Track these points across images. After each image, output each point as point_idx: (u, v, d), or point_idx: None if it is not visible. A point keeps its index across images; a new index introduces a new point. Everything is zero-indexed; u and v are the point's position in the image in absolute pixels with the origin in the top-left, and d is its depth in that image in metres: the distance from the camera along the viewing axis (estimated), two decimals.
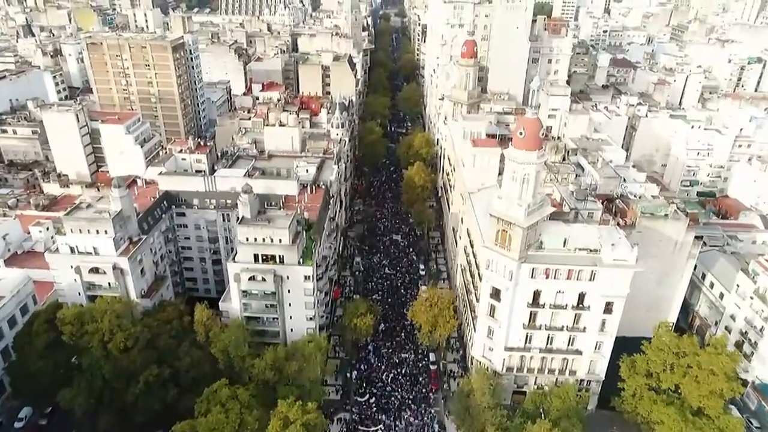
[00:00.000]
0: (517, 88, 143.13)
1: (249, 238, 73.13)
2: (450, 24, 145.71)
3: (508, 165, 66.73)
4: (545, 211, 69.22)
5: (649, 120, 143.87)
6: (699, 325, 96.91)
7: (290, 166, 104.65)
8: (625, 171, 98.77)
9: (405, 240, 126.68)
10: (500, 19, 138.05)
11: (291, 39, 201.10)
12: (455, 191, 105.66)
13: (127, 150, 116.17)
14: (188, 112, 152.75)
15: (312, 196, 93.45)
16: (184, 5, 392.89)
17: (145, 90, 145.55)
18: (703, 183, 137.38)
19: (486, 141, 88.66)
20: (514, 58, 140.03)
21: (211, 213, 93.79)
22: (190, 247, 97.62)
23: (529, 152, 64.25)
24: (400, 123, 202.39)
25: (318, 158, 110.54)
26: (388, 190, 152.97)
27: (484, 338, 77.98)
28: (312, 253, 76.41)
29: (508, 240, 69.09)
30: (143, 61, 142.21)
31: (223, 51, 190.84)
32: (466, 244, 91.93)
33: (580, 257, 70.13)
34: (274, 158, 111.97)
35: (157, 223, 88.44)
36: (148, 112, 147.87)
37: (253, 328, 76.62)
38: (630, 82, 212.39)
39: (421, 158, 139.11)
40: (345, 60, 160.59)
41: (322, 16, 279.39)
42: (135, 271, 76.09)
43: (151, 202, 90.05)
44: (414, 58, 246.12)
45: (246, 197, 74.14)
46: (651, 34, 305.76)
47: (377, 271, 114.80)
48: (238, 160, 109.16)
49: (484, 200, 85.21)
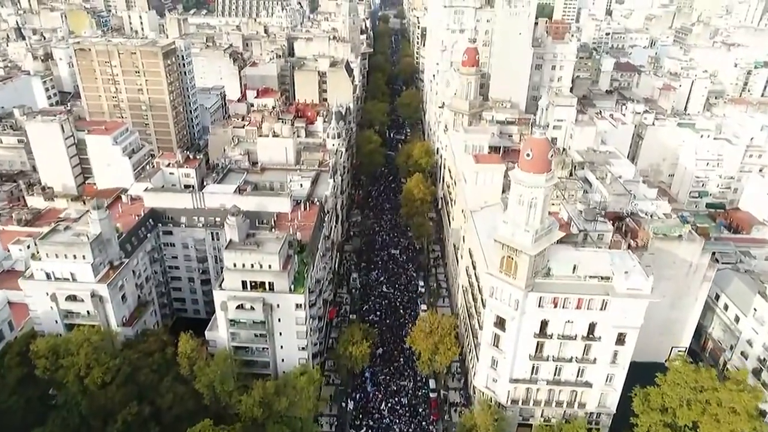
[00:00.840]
0: (519, 95, 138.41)
1: (237, 263, 68.43)
2: (450, 29, 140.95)
3: (514, 188, 62.05)
4: (554, 237, 64.55)
5: (656, 128, 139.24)
6: (712, 348, 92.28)
7: (284, 179, 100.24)
8: (635, 186, 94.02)
9: (404, 254, 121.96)
10: (502, 24, 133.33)
11: (287, 43, 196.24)
12: (456, 206, 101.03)
13: (115, 162, 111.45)
14: (180, 119, 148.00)
15: (306, 214, 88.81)
16: (181, 7, 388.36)
17: (135, 97, 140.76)
18: (713, 194, 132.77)
19: (489, 157, 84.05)
20: (516, 65, 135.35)
21: (200, 231, 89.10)
22: (177, 267, 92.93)
23: (537, 175, 59.56)
24: (399, 129, 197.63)
25: (313, 171, 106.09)
26: (386, 201, 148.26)
27: (488, 368, 73.30)
28: (304, 279, 71.71)
29: (513, 267, 64.42)
30: (133, 68, 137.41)
31: (218, 55, 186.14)
32: (467, 265, 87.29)
33: (591, 285, 65.45)
34: (267, 171, 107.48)
35: (142, 244, 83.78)
36: (138, 120, 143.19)
37: (241, 358, 72.02)
38: (634, 86, 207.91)
39: (420, 168, 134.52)
40: (342, 66, 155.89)
41: (320, 18, 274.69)
42: (115, 298, 71.38)
43: (135, 220, 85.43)
44: (413, 61, 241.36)
45: (234, 220, 69.44)
46: (654, 37, 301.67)
47: (375, 289, 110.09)
48: (230, 173, 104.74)
49: (487, 220, 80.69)
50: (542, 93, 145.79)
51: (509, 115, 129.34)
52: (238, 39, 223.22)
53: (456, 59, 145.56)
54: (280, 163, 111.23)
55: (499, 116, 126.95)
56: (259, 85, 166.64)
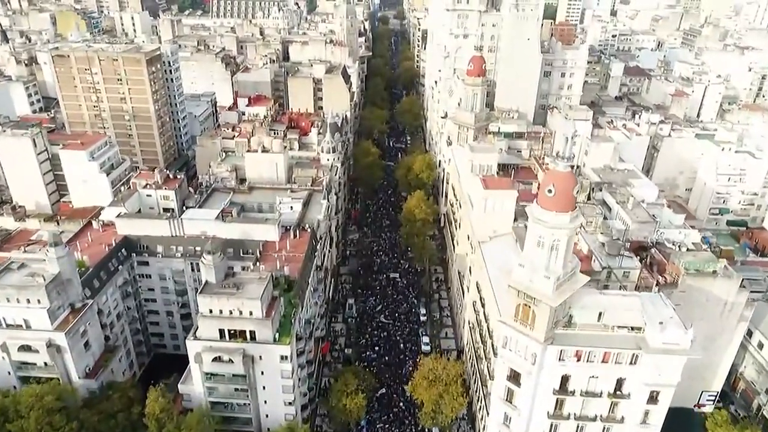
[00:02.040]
0: (527, 105, 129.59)
1: (213, 309, 59.79)
2: (453, 34, 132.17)
3: (532, 228, 53.38)
4: (578, 283, 55.88)
5: (673, 140, 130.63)
6: (744, 389, 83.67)
7: (273, 200, 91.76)
8: (658, 210, 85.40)
9: (404, 278, 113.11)
10: (509, 29, 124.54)
11: (282, 47, 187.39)
12: (461, 230, 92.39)
13: (91, 179, 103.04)
14: (166, 130, 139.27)
15: (295, 242, 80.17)
16: (176, 7, 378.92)
17: (118, 107, 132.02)
18: (734, 211, 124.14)
19: (499, 181, 75.54)
20: (524, 72, 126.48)
21: (178, 262, 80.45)
22: (154, 300, 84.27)
23: (560, 215, 50.91)
24: (399, 137, 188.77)
25: (305, 191, 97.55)
26: (385, 216, 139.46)
27: (500, 425, 64.72)
28: (291, 325, 63.09)
29: (531, 317, 55.81)
30: (115, 75, 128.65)
31: (209, 60, 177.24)
32: (475, 299, 78.67)
33: (620, 337, 56.87)
34: (256, 190, 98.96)
35: (113, 278, 75.17)
36: (121, 130, 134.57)
37: (219, 414, 63.38)
38: (644, 92, 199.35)
39: (421, 183, 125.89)
40: (339, 72, 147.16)
41: (318, 19, 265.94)
42: (76, 347, 62.76)
43: (106, 251, 76.75)
44: (414, 65, 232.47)
45: (210, 259, 60.78)
46: (661, 38, 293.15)
47: (373, 318, 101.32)
48: (214, 193, 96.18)
49: (498, 253, 72.12)
50: (551, 102, 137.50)
51: (516, 127, 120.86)
52: (232, 42, 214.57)
53: (460, 66, 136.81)
54: (269, 180, 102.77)
55: (506, 128, 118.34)
56: (252, 92, 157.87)
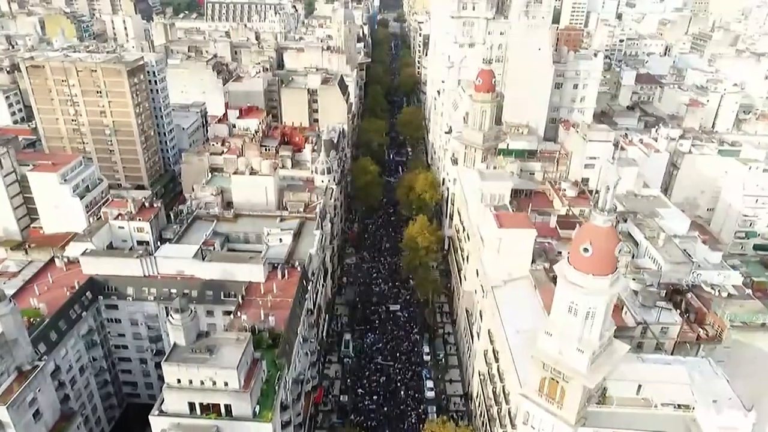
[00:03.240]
0: (538, 118, 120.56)
1: (182, 379, 50.54)
2: (458, 43, 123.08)
3: (563, 292, 44.17)
4: (615, 354, 46.66)
5: (694, 157, 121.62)
6: None
7: (261, 230, 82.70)
8: (691, 245, 76.17)
9: (405, 311, 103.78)
10: (518, 38, 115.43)
11: (276, 54, 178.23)
12: (470, 264, 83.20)
13: (64, 203, 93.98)
14: (151, 144, 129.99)
15: (284, 283, 70.99)
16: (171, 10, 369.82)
17: (98, 121, 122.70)
18: (762, 234, 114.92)
19: (515, 217, 66.39)
20: (534, 84, 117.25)
21: (151, 305, 71.33)
22: (126, 347, 75.12)
23: (598, 279, 41.76)
24: (400, 149, 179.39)
25: (296, 218, 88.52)
26: (384, 237, 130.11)
27: None
28: (275, 394, 53.86)
29: (560, 394, 46.65)
30: (94, 88, 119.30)
31: (200, 67, 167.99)
32: (486, 348, 69.50)
33: (665, 417, 47.73)
34: (242, 218, 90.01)
35: (75, 327, 66.05)
36: (102, 146, 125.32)
37: None
38: (656, 100, 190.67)
39: (424, 203, 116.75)
40: (335, 82, 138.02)
41: (315, 23, 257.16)
42: (22, 420, 53.43)
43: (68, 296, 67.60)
44: (415, 72, 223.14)
45: (179, 319, 51.48)
46: (669, 43, 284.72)
47: (371, 359, 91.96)
48: (196, 222, 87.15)
49: (514, 300, 63.03)
50: (563, 115, 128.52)
51: (527, 143, 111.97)
52: (226, 47, 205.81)
53: (465, 77, 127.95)
54: (258, 205, 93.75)
55: (516, 144, 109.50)
56: (244, 103, 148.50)
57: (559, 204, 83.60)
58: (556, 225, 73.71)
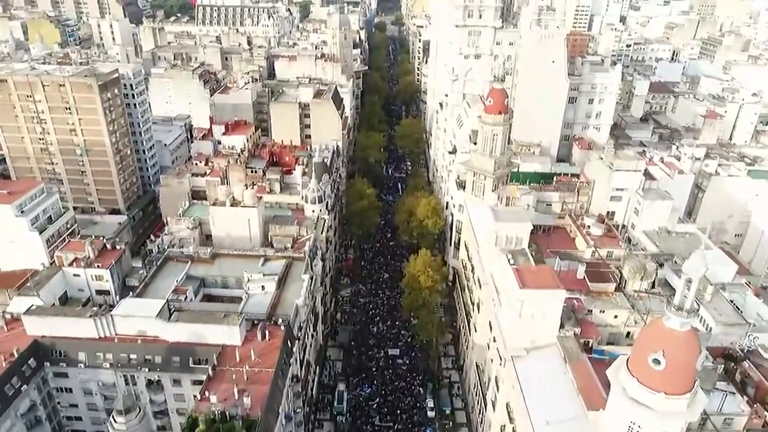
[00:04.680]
0: (550, 137, 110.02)
1: None
2: (463, 54, 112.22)
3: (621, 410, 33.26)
4: None
5: (722, 179, 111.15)
6: None
7: (242, 273, 71.89)
8: (739, 296, 65.53)
9: (406, 357, 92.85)
10: (529, 49, 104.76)
11: (267, 62, 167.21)
12: (481, 315, 72.43)
13: (20, 238, 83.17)
14: (127, 164, 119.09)
15: (264, 347, 60.02)
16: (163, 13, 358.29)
17: (68, 139, 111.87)
18: None
19: (539, 273, 55.41)
20: (547, 101, 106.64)
21: (107, 374, 60.34)
22: (80, 418, 64.05)
23: (673, 398, 30.83)
24: (399, 163, 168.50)
25: (283, 258, 77.66)
26: (383, 266, 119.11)
27: None
28: None
29: None
30: (62, 104, 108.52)
31: (186, 77, 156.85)
32: (503, 423, 58.76)
33: None
34: (221, 258, 78.99)
35: (12, 405, 55.05)
36: (73, 167, 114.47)
37: None
38: (669, 111, 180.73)
39: (426, 231, 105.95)
40: (329, 96, 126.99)
41: (310, 27, 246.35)
42: None
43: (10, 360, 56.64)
44: (414, 80, 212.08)
45: (123, 423, 40.49)
46: (677, 48, 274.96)
47: (369, 417, 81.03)
48: (167, 264, 76.17)
49: (538, 374, 52.25)
50: (577, 132, 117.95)
51: (540, 166, 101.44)
52: (216, 54, 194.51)
53: (470, 90, 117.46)
54: (240, 239, 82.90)
55: (527, 167, 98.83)
56: (231, 116, 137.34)
57: (583, 244, 72.83)
58: (585, 275, 62.84)
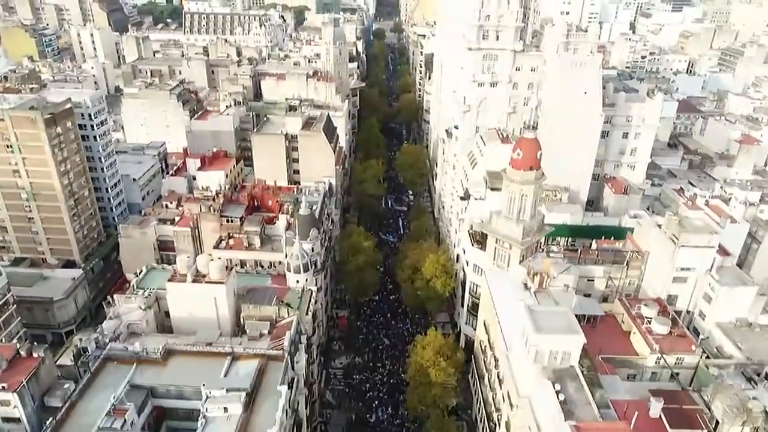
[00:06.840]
0: (580, 180, 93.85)
1: None
2: (477, 82, 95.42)
3: None
4: None
5: None
6: None
7: (200, 380, 55.06)
8: None
9: None
10: (557, 78, 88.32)
11: (253, 82, 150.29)
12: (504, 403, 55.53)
13: None
14: (84, 208, 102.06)
15: None
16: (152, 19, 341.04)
17: (11, 182, 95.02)
18: None
19: None
20: (577, 138, 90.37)
21: None
22: None
23: None
24: (400, 196, 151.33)
25: (255, 357, 60.79)
26: (382, 328, 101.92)
27: None
28: None
29: None
30: (3, 141, 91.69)
31: (163, 97, 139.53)
32: None
33: None
34: (176, 357, 61.93)
35: None
36: (18, 213, 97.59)
37: None
38: (697, 133, 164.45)
39: (434, 293, 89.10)
40: (320, 126, 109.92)
41: (304, 37, 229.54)
42: None
43: None
44: (415, 98, 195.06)
45: None
46: (692, 58, 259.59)
47: None
48: (106, 367, 59.21)
49: None
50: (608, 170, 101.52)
51: (570, 216, 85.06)
52: (201, 67, 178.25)
53: (484, 122, 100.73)
54: (205, 324, 66.24)
55: (555, 218, 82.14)
56: (210, 146, 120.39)
57: (644, 345, 56.05)
58: (662, 415, 45.53)
